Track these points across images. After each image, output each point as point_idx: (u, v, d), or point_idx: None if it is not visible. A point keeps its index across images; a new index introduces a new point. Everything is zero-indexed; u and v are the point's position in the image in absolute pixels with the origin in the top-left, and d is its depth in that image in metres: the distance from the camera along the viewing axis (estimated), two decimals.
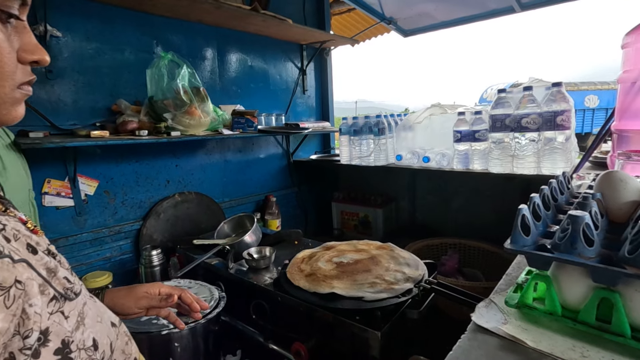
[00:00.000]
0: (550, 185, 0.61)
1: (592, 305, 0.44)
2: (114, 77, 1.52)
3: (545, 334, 0.45)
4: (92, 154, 1.47)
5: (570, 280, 0.46)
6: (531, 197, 0.54)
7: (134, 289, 0.77)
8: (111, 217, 1.56)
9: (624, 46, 1.16)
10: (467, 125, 1.60)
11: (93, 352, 0.44)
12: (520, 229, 0.48)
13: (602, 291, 0.44)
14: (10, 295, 0.35)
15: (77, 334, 0.42)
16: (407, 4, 2.80)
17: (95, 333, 0.46)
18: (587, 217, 0.44)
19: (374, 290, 0.96)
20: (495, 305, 0.52)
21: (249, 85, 2.08)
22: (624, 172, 0.59)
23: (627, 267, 0.41)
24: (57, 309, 0.41)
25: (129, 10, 1.52)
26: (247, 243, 1.40)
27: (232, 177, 2.02)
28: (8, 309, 0.35)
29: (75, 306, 0.44)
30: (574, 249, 0.44)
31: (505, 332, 0.45)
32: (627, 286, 0.42)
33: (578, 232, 0.44)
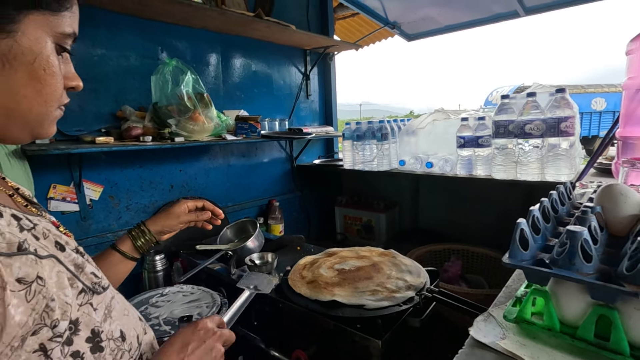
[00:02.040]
0: (550, 197, 0.61)
1: (590, 322, 0.44)
2: (119, 83, 1.54)
3: (544, 350, 0.45)
4: (97, 160, 1.49)
5: (569, 296, 0.46)
6: (530, 210, 0.54)
7: (170, 211, 0.91)
8: (115, 221, 1.58)
9: (629, 52, 1.15)
10: (471, 130, 1.59)
11: (121, 343, 0.48)
12: (518, 244, 0.47)
13: (601, 308, 0.43)
14: (31, 290, 0.38)
15: (105, 325, 0.46)
16: (410, 9, 2.80)
17: (122, 325, 0.50)
18: (585, 232, 0.44)
19: (375, 299, 0.96)
20: (494, 319, 0.51)
21: (252, 90, 2.09)
22: (624, 185, 0.58)
23: (626, 285, 0.40)
24: (85, 301, 0.45)
25: (134, 17, 1.54)
26: (250, 249, 1.40)
27: (236, 181, 2.03)
28: (28, 302, 0.37)
29: (103, 299, 0.48)
30: (572, 265, 0.44)
31: (503, 348, 0.45)
32: (626, 304, 0.42)
33: (576, 248, 0.43)
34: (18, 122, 0.45)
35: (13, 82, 0.42)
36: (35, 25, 0.43)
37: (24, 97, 0.43)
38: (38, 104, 0.45)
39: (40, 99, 0.45)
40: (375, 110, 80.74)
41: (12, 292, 0.36)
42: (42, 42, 0.43)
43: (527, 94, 1.40)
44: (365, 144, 1.95)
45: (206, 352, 0.57)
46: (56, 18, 0.45)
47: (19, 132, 0.46)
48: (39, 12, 0.43)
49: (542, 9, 2.49)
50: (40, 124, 0.47)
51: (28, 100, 0.44)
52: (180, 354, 0.54)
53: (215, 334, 0.60)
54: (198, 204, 0.95)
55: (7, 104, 0.43)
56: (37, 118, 0.46)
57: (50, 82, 0.45)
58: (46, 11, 0.43)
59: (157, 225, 0.89)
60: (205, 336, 0.59)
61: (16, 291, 0.37)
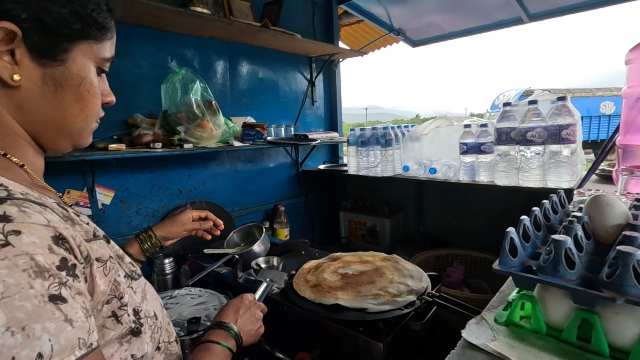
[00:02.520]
0: (542, 206, 0.63)
1: (573, 325, 0.46)
2: (131, 92, 1.60)
3: (531, 351, 0.47)
4: (109, 165, 1.54)
5: (554, 300, 0.48)
6: (521, 220, 0.56)
7: (175, 219, 1.00)
8: (126, 225, 1.62)
9: (628, 62, 1.17)
10: (473, 137, 1.62)
11: (154, 321, 0.57)
12: (507, 251, 0.50)
13: (583, 312, 0.46)
14: (107, 266, 0.49)
15: (143, 305, 0.55)
16: (415, 16, 2.84)
17: (154, 307, 0.59)
18: (569, 241, 0.47)
19: (378, 302, 0.98)
20: (485, 322, 0.54)
21: (259, 97, 2.13)
22: (611, 196, 0.61)
23: (605, 290, 0.43)
24: (128, 285, 0.53)
25: (146, 28, 1.60)
26: (256, 253, 1.44)
27: (242, 186, 2.07)
28: (106, 276, 0.48)
29: (139, 285, 0.57)
30: (557, 272, 0.46)
31: (493, 349, 0.47)
32: (605, 308, 0.44)
33: (560, 256, 0.46)
34: (64, 135, 0.52)
35: (62, 102, 0.49)
36: (82, 53, 0.50)
37: (70, 115, 0.51)
38: (81, 120, 0.52)
39: (83, 115, 0.52)
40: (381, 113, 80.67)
41: (96, 267, 0.46)
42: (87, 68, 0.51)
43: (528, 101, 1.42)
44: (369, 150, 1.98)
45: (251, 315, 0.80)
46: (99, 46, 0.52)
47: (63, 143, 0.54)
48: (85, 42, 0.50)
49: (546, 16, 2.51)
50: (81, 136, 0.55)
51: (73, 117, 0.51)
52: (235, 314, 0.76)
53: (256, 304, 0.84)
54: (202, 214, 1.03)
55: (57, 120, 0.50)
56: (79, 131, 0.53)
57: (91, 101, 0.52)
58: (91, 41, 0.51)
59: (162, 230, 0.97)
60: (249, 305, 0.82)
61: (98, 267, 0.47)
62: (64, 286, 0.39)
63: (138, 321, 0.52)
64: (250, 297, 0.84)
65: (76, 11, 0.47)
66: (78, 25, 0.48)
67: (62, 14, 0.46)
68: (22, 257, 0.37)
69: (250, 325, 0.78)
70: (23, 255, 0.37)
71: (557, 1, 2.36)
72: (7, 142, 0.48)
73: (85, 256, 0.45)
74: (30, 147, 0.51)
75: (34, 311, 0.36)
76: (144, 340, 0.51)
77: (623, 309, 0.43)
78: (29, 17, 0.43)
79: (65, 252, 0.42)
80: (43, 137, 0.51)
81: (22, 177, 0.48)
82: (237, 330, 0.73)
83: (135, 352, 0.50)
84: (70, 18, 0.47)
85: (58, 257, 0.40)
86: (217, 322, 0.74)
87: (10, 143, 0.48)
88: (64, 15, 0.46)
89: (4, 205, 0.39)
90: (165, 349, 0.62)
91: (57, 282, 0.39)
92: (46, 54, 0.46)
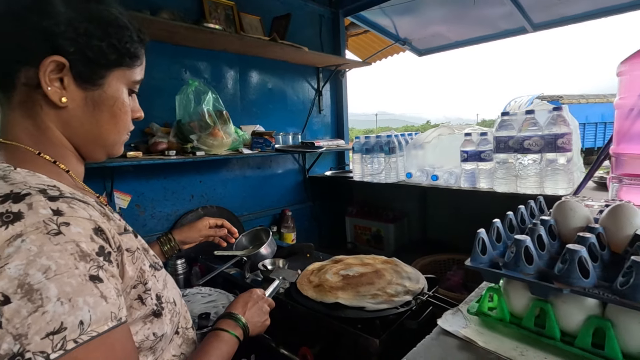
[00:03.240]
0: (518, 211, 0.69)
1: (531, 313, 0.52)
2: (148, 102, 1.69)
3: (496, 337, 0.53)
4: (126, 171, 1.64)
5: (516, 292, 0.54)
6: (493, 222, 0.62)
7: (193, 225, 1.10)
8: (141, 228, 1.72)
9: (619, 74, 1.22)
10: (474, 145, 1.67)
11: (174, 307, 0.65)
12: (477, 250, 0.56)
13: (539, 302, 0.52)
14: (135, 256, 0.57)
15: (164, 292, 0.63)
16: (420, 26, 2.92)
17: (173, 295, 0.67)
18: (528, 240, 0.52)
19: (375, 302, 1.04)
20: (461, 312, 0.60)
21: (268, 106, 2.22)
22: (575, 202, 0.66)
23: (555, 282, 0.48)
24: (152, 274, 0.61)
25: (162, 43, 1.71)
26: (263, 255, 1.51)
27: (251, 192, 2.16)
28: (134, 264, 0.57)
29: (161, 275, 0.66)
30: (517, 267, 0.52)
31: (463, 335, 0.53)
32: (557, 298, 0.50)
33: (520, 253, 0.52)
34: (100, 146, 0.62)
35: (99, 119, 0.59)
36: (117, 78, 0.60)
37: (105, 129, 0.61)
38: (114, 133, 0.62)
39: (116, 130, 0.62)
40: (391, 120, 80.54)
41: (126, 256, 0.55)
42: (120, 90, 0.60)
43: (526, 111, 1.47)
44: (373, 157, 2.04)
45: (259, 308, 0.87)
46: (131, 71, 0.62)
47: (99, 153, 0.64)
48: (119, 69, 0.59)
49: (549, 26, 2.56)
50: (114, 147, 0.65)
51: (108, 131, 0.61)
52: (243, 307, 0.83)
53: (263, 298, 0.91)
54: (218, 222, 1.13)
55: (95, 134, 0.60)
56: (112, 143, 0.63)
57: (123, 117, 0.62)
58: (124, 67, 0.60)
59: (181, 235, 1.07)
60: (257, 299, 0.89)
61: (128, 256, 0.55)
62: (101, 269, 0.48)
63: (160, 305, 0.60)
64: (259, 292, 0.92)
65: (112, 44, 0.56)
66: (114, 55, 0.57)
67: (101, 47, 0.55)
68: (70, 243, 0.45)
69: (257, 318, 0.85)
70: (71, 242, 0.46)
71: (560, 11, 2.40)
72: (57, 152, 0.58)
73: (117, 246, 0.53)
74: (74, 156, 0.61)
75: (78, 287, 0.44)
76: (164, 322, 0.59)
77: (570, 298, 0.49)
78: (75, 50, 0.53)
79: (103, 241, 0.50)
80: (84, 148, 0.61)
81: (68, 181, 0.59)
82: (244, 322, 0.80)
83: (156, 330, 0.58)
84: (107, 50, 0.56)
85: (97, 245, 0.49)
86: (227, 312, 0.82)
87: (59, 153, 0.58)
88: (103, 48, 0.55)
89: (57, 202, 0.48)
90: (183, 333, 0.70)
91: (95, 265, 0.47)
92: (87, 80, 0.56)
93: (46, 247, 0.44)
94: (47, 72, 0.52)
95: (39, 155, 0.56)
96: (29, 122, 0.55)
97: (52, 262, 0.43)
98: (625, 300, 0.43)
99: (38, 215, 0.45)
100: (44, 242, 0.44)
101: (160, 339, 0.59)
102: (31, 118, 0.55)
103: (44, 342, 0.40)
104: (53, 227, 0.45)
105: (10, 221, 0.44)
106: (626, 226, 0.56)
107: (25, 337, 0.40)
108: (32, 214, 0.45)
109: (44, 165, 0.56)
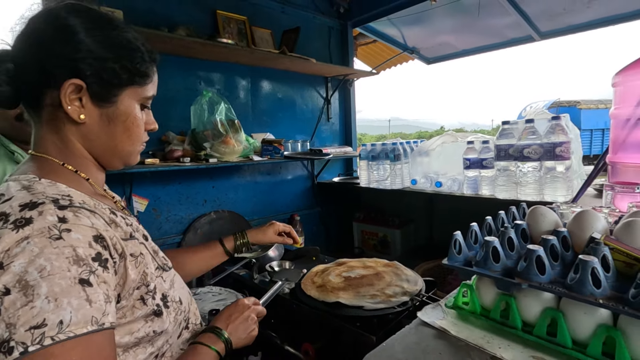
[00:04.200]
0: (498, 216, 0.74)
1: (497, 306, 0.58)
2: (164, 112, 1.81)
3: (468, 327, 0.59)
4: (144, 177, 1.75)
5: (485, 288, 0.60)
6: (471, 226, 0.68)
7: (264, 229, 1.20)
8: (157, 231, 1.82)
9: (614, 85, 1.26)
10: (476, 153, 1.71)
11: (179, 305, 0.70)
12: (453, 250, 0.62)
13: (504, 296, 0.57)
14: (138, 261, 0.61)
15: (170, 291, 0.68)
16: (428, 35, 2.98)
17: (180, 294, 0.72)
18: (496, 241, 0.58)
19: (374, 302, 1.10)
20: (440, 306, 0.66)
21: (277, 114, 2.32)
22: (546, 207, 0.71)
23: (517, 278, 0.54)
24: (159, 274, 0.67)
25: (178, 57, 1.82)
26: (271, 257, 1.59)
27: (261, 197, 2.25)
28: (137, 268, 0.60)
29: (169, 275, 0.70)
30: (486, 265, 0.58)
31: (439, 325, 0.59)
32: (518, 292, 0.56)
33: (488, 253, 0.58)
34: (116, 156, 0.68)
35: (114, 132, 0.65)
36: (129, 96, 0.65)
37: (120, 142, 0.66)
38: (128, 145, 0.68)
39: (129, 141, 0.67)
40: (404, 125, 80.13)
41: (129, 261, 0.59)
42: (132, 106, 0.66)
43: (525, 120, 1.52)
44: (379, 164, 2.10)
45: (244, 319, 0.85)
46: (142, 89, 0.67)
47: (116, 162, 0.69)
48: (131, 87, 0.65)
49: (556, 34, 2.58)
50: (129, 157, 0.70)
51: (122, 143, 0.67)
52: (227, 320, 0.82)
53: (249, 307, 0.88)
54: (286, 229, 1.22)
55: (111, 146, 0.66)
56: (127, 153, 0.69)
57: (136, 130, 0.68)
58: (136, 86, 0.65)
59: (252, 237, 1.17)
60: (243, 309, 0.87)
61: (131, 261, 0.59)
62: (93, 274, 0.51)
63: (165, 304, 0.65)
64: (246, 302, 0.90)
65: (125, 66, 0.63)
66: (126, 75, 0.63)
67: (114, 69, 0.61)
68: (68, 247, 0.50)
69: (241, 330, 0.83)
70: (69, 247, 0.50)
71: (567, 20, 2.43)
72: (78, 162, 0.65)
73: (120, 252, 0.57)
74: (94, 166, 0.67)
75: (66, 288, 0.48)
76: (164, 320, 0.64)
77: (530, 292, 0.55)
78: (92, 74, 0.59)
79: (102, 248, 0.54)
80: (102, 158, 0.68)
81: (87, 188, 0.65)
82: (227, 336, 0.78)
83: (156, 328, 0.63)
84: (120, 71, 0.62)
85: (95, 251, 0.52)
86: (210, 326, 0.81)
87: (80, 163, 0.65)
88: (116, 70, 0.62)
89: (64, 211, 0.53)
90: (192, 329, 0.77)
91: (87, 270, 0.50)
92: (102, 98, 0.62)
93: (46, 250, 0.48)
94: (67, 94, 0.58)
95: (63, 165, 0.62)
96: (55, 136, 0.62)
97: (49, 263, 0.47)
98: (573, 293, 0.48)
99: (45, 221, 0.50)
100: (45, 244, 0.48)
101: (160, 335, 0.64)
102: (57, 133, 0.62)
103: (26, 334, 0.44)
104: (55, 232, 0.50)
105: (21, 225, 0.49)
106: (587, 230, 0.61)
107: (14, 327, 0.44)
108: (40, 219, 0.50)
109: (66, 175, 0.62)
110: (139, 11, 1.69)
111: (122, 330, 0.58)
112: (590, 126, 10.11)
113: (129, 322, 0.59)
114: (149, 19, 1.67)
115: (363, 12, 2.60)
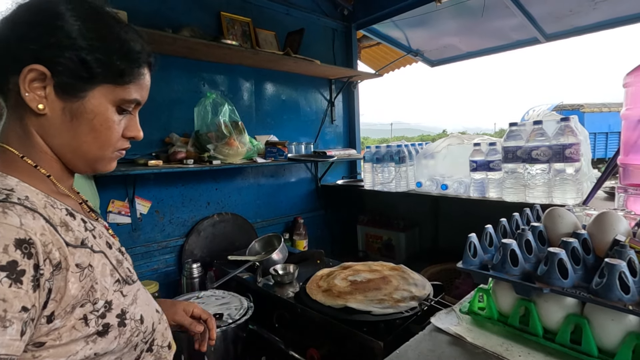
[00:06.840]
0: (512, 218, 0.72)
1: (516, 312, 0.55)
2: (168, 114, 1.80)
3: (485, 333, 0.56)
4: (147, 179, 1.73)
5: (503, 292, 0.57)
6: (485, 228, 0.66)
7: (174, 305, 0.91)
8: (160, 233, 1.80)
9: (625, 85, 1.23)
10: (483, 155, 1.69)
11: (140, 325, 0.62)
12: (469, 253, 0.60)
13: (523, 301, 0.55)
14: (84, 273, 0.54)
15: (131, 308, 0.60)
16: (432, 37, 2.96)
17: (143, 312, 0.63)
18: (514, 244, 0.56)
19: (382, 306, 1.08)
20: (454, 312, 0.63)
21: (281, 116, 2.30)
22: (563, 209, 0.69)
23: (537, 283, 0.52)
24: (118, 288, 0.59)
25: (182, 58, 1.81)
26: (274, 260, 1.57)
27: (265, 199, 2.23)
28: (81, 282, 0.53)
29: (132, 289, 0.63)
30: (504, 268, 0.55)
31: (454, 331, 0.57)
32: (539, 297, 0.53)
33: (506, 256, 0.55)
34: (80, 159, 0.61)
35: (77, 131, 0.58)
36: (100, 94, 0.58)
37: (84, 142, 0.59)
38: (95, 148, 0.61)
39: (96, 145, 0.60)
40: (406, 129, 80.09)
41: (72, 272, 0.52)
42: (102, 106, 0.59)
43: (533, 122, 1.49)
44: (384, 166, 2.08)
45: None
46: (121, 89, 0.60)
47: (81, 165, 0.63)
48: (105, 85, 0.58)
49: (562, 36, 2.57)
50: (97, 162, 0.63)
51: (87, 145, 0.60)
52: None
53: None
54: (203, 316, 0.92)
55: (73, 145, 0.59)
56: (94, 158, 0.62)
57: (105, 133, 0.60)
58: (111, 84, 0.59)
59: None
60: None
61: (74, 272, 0.52)
62: None
63: (122, 322, 0.58)
64: None
65: (99, 59, 0.57)
66: (100, 70, 0.57)
67: (86, 60, 0.56)
68: None
69: None
70: None
71: (572, 22, 2.41)
72: (39, 157, 0.59)
73: (56, 263, 0.50)
74: (57, 163, 0.61)
75: None
76: (110, 340, 0.56)
77: (551, 297, 0.52)
78: (60, 62, 0.54)
79: (21, 256, 0.46)
80: (64, 157, 0.61)
81: (47, 186, 0.59)
82: None
83: (98, 350, 0.55)
84: (93, 64, 0.56)
85: (9, 258, 0.45)
86: None
87: (41, 158, 0.59)
88: (87, 61, 0.56)
89: None
90: (157, 351, 0.68)
91: None
92: (67, 91, 0.56)
93: None
94: (27, 80, 0.53)
95: (22, 158, 0.57)
96: (18, 126, 0.57)
97: None
98: (599, 298, 0.46)
99: None
100: None
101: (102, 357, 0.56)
102: (19, 122, 0.57)
103: None
104: None
105: None
106: (609, 232, 0.59)
107: None
108: None
109: (23, 169, 0.57)
110: (144, 13, 1.68)
111: (56, 352, 0.51)
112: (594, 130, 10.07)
113: (65, 344, 0.51)
114: (154, 20, 1.66)
115: (367, 15, 2.59)
